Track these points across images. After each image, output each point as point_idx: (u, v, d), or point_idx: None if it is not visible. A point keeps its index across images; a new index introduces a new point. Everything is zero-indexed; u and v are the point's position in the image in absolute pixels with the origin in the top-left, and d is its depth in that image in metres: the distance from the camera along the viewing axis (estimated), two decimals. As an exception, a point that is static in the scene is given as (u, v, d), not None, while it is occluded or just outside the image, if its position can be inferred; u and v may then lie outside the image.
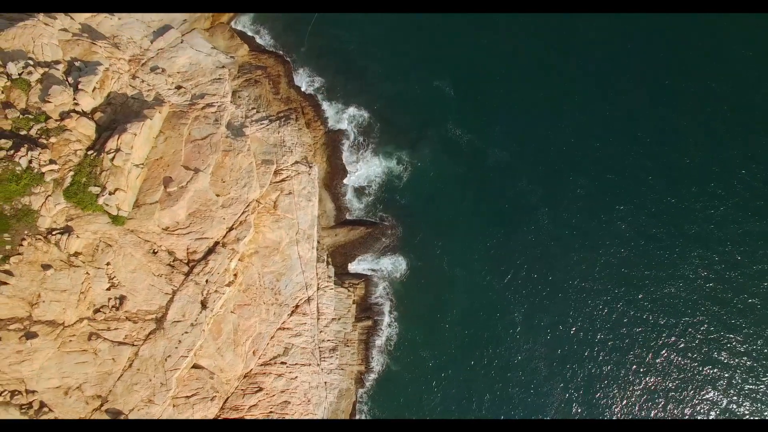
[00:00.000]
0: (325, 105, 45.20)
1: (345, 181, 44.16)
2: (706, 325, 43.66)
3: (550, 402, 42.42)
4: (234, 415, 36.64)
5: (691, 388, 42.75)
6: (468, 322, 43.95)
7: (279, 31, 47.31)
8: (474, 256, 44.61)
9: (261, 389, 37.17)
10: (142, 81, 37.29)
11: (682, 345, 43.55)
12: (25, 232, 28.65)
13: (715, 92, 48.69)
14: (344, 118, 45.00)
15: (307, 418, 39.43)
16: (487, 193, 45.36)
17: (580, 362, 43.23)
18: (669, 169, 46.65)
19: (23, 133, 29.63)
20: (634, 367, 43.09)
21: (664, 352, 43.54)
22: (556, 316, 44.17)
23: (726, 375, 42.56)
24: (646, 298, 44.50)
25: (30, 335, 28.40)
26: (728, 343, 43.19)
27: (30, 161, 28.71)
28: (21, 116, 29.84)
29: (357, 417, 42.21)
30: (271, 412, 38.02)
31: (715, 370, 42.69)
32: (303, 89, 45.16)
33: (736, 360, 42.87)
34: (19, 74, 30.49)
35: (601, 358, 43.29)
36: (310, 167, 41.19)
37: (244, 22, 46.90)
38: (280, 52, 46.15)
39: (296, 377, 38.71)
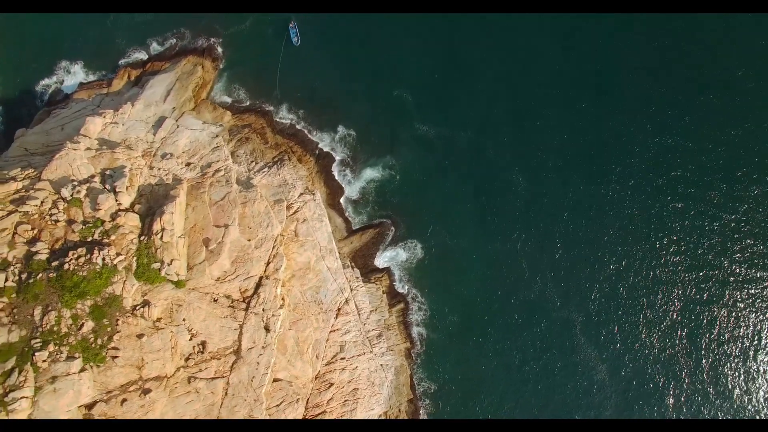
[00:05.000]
0: (308, 139, 52.30)
1: (344, 197, 51.45)
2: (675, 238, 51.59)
3: (561, 325, 50.30)
4: (317, 412, 43.90)
5: (684, 300, 50.74)
6: (483, 281, 51.38)
7: (251, 88, 53.62)
8: (471, 226, 51.93)
9: (332, 384, 44.46)
10: (159, 169, 44.57)
11: (660, 261, 51.55)
12: (117, 314, 35.87)
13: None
14: (327, 145, 52.20)
15: (375, 398, 46.65)
16: (465, 170, 52.69)
17: (580, 286, 50.97)
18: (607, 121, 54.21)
19: (90, 239, 36.90)
20: (632, 290, 51.15)
21: (658, 271, 51.74)
22: (555, 256, 51.69)
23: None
24: (625, 225, 52.35)
25: (146, 391, 35.65)
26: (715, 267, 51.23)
27: (103, 259, 35.93)
28: (83, 227, 37.11)
29: (417, 387, 49.37)
30: (345, 401, 45.28)
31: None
32: (286, 132, 52.30)
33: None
34: (71, 195, 37.76)
35: (588, 276, 51.10)
36: (314, 194, 48.40)
37: (219, 92, 53.75)
38: (258, 107, 53.10)
39: (356, 367, 45.95)
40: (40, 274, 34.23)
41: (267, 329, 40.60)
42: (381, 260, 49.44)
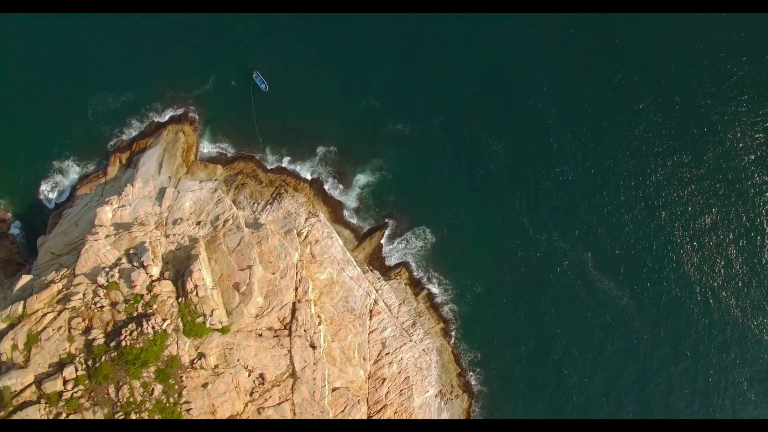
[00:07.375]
0: (297, 168, 55.72)
1: (344, 209, 54.96)
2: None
3: (575, 266, 54.45)
4: (378, 407, 47.44)
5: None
6: (494, 248, 55.25)
7: (233, 138, 56.37)
8: (469, 201, 55.78)
9: (385, 379, 48.03)
10: (174, 235, 48.12)
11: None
12: (179, 371, 39.47)
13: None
14: (316, 168, 55.70)
15: (426, 381, 50.16)
16: (448, 152, 56.50)
17: (580, 228, 54.73)
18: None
19: (135, 314, 40.51)
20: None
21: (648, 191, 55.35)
22: (551, 206, 55.48)
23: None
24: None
25: None
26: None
27: (153, 327, 39.51)
28: (126, 305, 40.72)
29: (463, 359, 52.82)
30: (401, 390, 48.85)
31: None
32: (276, 168, 55.68)
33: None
34: (107, 281, 41.38)
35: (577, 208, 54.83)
36: (317, 215, 51.95)
37: (206, 150, 57.05)
38: (244, 153, 56.38)
39: (401, 358, 49.52)
40: (104, 357, 37.83)
41: (313, 346, 44.17)
42: (396, 255, 53.03)
